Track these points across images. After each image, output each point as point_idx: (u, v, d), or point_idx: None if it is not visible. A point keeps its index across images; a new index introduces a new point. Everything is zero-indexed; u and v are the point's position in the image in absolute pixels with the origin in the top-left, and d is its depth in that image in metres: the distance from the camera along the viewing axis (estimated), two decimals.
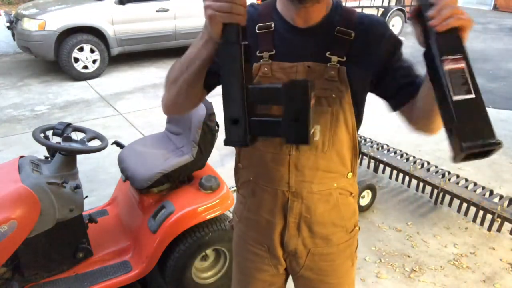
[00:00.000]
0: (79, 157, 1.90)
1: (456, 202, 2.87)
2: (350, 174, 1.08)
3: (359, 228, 1.19)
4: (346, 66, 0.97)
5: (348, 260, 1.18)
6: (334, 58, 0.96)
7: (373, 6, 9.25)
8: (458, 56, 0.71)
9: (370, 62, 0.99)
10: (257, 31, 1.01)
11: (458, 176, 3.03)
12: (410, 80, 1.00)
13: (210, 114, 1.90)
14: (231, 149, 3.79)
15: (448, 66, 0.71)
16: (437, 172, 3.10)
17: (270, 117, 0.84)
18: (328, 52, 0.97)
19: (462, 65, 0.71)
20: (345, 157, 1.04)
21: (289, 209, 1.08)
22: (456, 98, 0.70)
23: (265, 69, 0.99)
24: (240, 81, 0.80)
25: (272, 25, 1.01)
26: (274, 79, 0.99)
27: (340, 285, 1.18)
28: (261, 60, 1.00)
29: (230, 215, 2.68)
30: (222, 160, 3.45)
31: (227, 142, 0.84)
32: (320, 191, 1.06)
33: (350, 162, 1.06)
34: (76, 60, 5.59)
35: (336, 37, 0.97)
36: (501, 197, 2.78)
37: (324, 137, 1.00)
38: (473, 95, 0.70)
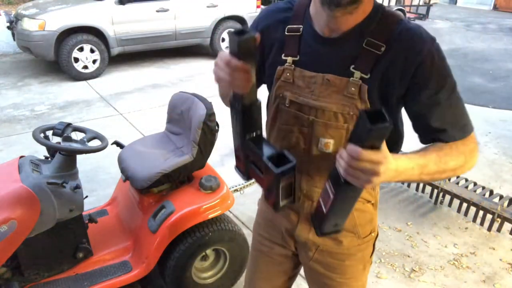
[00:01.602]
0: (79, 157, 1.90)
1: (456, 202, 2.87)
2: None
3: (377, 234, 1.18)
4: (369, 84, 0.89)
5: (359, 263, 1.16)
6: (357, 74, 0.90)
7: None
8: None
9: (393, 84, 0.89)
10: (286, 33, 0.99)
11: (458, 176, 3.03)
12: (441, 127, 0.91)
13: (210, 114, 1.89)
14: (231, 149, 3.77)
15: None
16: None
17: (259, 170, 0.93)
18: (353, 66, 0.90)
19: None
20: None
21: (301, 207, 1.10)
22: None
23: (287, 74, 0.98)
24: (240, 135, 0.93)
25: (301, 29, 0.97)
26: (295, 86, 0.97)
27: (346, 285, 1.18)
28: (285, 64, 0.98)
29: (230, 215, 2.68)
30: (222, 160, 3.45)
31: (235, 168, 1.02)
32: None
33: None
34: (76, 60, 5.59)
35: (364, 49, 0.89)
36: (501, 197, 2.78)
37: (336, 151, 0.95)
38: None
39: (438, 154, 0.90)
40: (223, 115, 1.77)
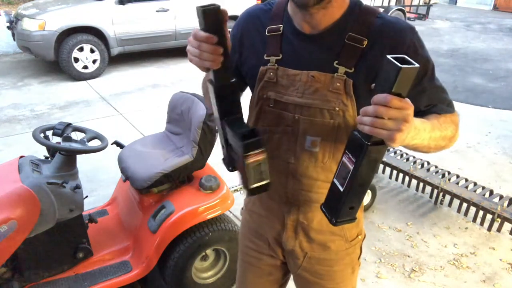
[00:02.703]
0: (79, 157, 1.90)
1: (456, 202, 2.87)
2: None
3: (364, 237, 1.17)
4: (354, 79, 0.89)
5: (348, 267, 1.16)
6: (342, 69, 0.90)
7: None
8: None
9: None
10: (266, 33, 0.98)
11: (458, 176, 3.03)
12: (431, 104, 0.94)
13: (210, 114, 1.89)
14: None
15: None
16: (437, 172, 3.10)
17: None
18: (336, 62, 0.90)
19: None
20: None
21: (287, 213, 1.08)
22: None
23: (271, 74, 0.97)
24: (220, 118, 0.88)
25: (281, 29, 0.97)
26: (279, 85, 0.97)
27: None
28: (268, 64, 0.97)
29: (230, 215, 2.68)
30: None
31: (222, 160, 0.97)
32: (318, 200, 1.02)
33: None
34: (76, 60, 5.59)
35: (346, 44, 0.89)
36: (501, 197, 2.78)
37: (324, 150, 0.97)
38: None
39: (438, 121, 0.91)
40: None
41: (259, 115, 1.02)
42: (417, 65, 0.68)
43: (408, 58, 0.69)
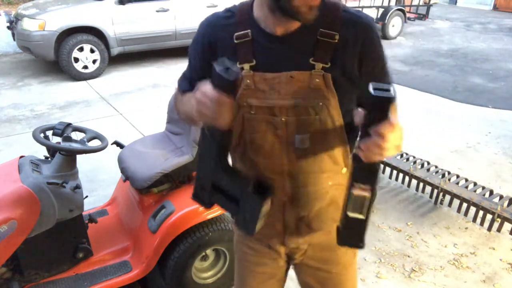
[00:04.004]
0: (79, 157, 1.90)
1: (456, 202, 2.87)
2: (344, 169, 1.06)
3: None
4: (332, 73, 0.92)
5: (350, 250, 1.18)
6: (318, 65, 0.92)
7: (373, 6, 9.25)
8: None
9: (352, 67, 0.94)
10: (234, 41, 0.96)
11: (458, 176, 3.03)
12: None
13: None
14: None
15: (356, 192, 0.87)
16: (437, 172, 3.10)
17: (230, 199, 0.96)
18: (312, 59, 0.92)
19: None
20: (336, 156, 1.03)
21: (287, 211, 1.08)
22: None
23: (248, 81, 0.95)
24: (215, 165, 0.94)
25: (250, 34, 0.95)
26: (258, 91, 0.96)
27: (342, 275, 1.19)
28: (242, 71, 0.95)
29: (230, 215, 2.68)
30: None
31: (193, 197, 1.02)
32: (315, 191, 1.05)
33: (343, 158, 1.04)
34: (76, 60, 5.59)
35: (319, 41, 0.92)
36: (501, 197, 2.78)
37: (314, 145, 0.99)
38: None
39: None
40: None
41: (242, 124, 1.01)
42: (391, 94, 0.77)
43: (386, 86, 0.77)
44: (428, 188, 3.07)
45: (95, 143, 1.95)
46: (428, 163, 3.21)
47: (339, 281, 1.20)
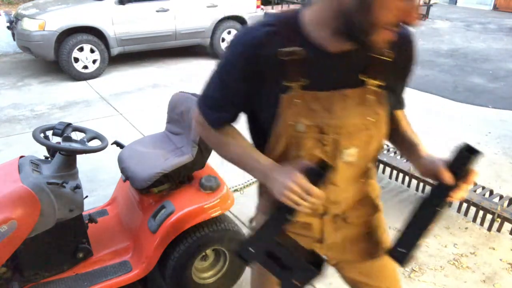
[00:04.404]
0: (79, 157, 1.90)
1: (456, 202, 2.87)
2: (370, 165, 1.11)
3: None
4: (385, 89, 0.93)
5: (380, 212, 1.22)
6: (372, 82, 0.91)
7: None
8: None
9: (399, 84, 1.01)
10: (282, 57, 0.89)
11: None
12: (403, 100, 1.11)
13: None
14: None
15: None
16: None
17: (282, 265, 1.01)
18: (365, 76, 0.91)
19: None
20: (374, 160, 1.08)
21: (325, 216, 1.11)
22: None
23: (298, 100, 0.91)
24: (273, 236, 1.00)
25: (301, 51, 0.88)
26: (309, 110, 0.92)
27: (383, 259, 1.18)
28: (290, 90, 0.91)
29: (230, 215, 2.68)
30: (222, 160, 3.45)
31: (237, 254, 1.05)
32: (354, 194, 1.10)
33: (374, 160, 1.09)
34: (76, 60, 5.59)
35: (373, 58, 0.90)
36: (501, 197, 2.78)
37: (360, 157, 1.00)
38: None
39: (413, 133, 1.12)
40: None
41: (290, 143, 0.97)
42: (481, 152, 0.94)
43: (471, 145, 0.93)
44: (428, 188, 3.07)
45: (95, 143, 1.95)
46: None
47: (382, 264, 1.20)
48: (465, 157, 0.92)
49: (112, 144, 2.17)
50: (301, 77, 0.90)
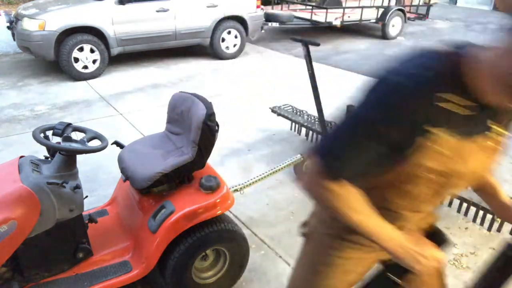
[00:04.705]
0: (79, 157, 1.90)
1: (456, 202, 2.87)
2: None
3: None
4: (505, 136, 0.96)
5: None
6: (500, 131, 0.94)
7: (373, 6, 9.24)
8: None
9: None
10: (438, 103, 0.83)
11: None
12: None
13: (210, 114, 1.89)
14: (231, 149, 3.79)
15: None
16: None
17: None
18: (495, 124, 0.92)
19: None
20: None
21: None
22: None
23: (434, 145, 0.87)
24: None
25: (455, 99, 0.84)
26: (441, 155, 0.89)
27: None
28: (430, 134, 0.86)
29: (230, 215, 2.68)
30: (222, 160, 3.45)
31: None
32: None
33: None
34: (76, 60, 5.59)
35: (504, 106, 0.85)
36: None
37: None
38: None
39: None
40: (223, 115, 1.76)
41: (409, 179, 0.95)
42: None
43: None
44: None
45: (95, 143, 1.95)
46: None
47: None
48: None
49: (112, 144, 2.17)
50: (447, 124, 0.85)
